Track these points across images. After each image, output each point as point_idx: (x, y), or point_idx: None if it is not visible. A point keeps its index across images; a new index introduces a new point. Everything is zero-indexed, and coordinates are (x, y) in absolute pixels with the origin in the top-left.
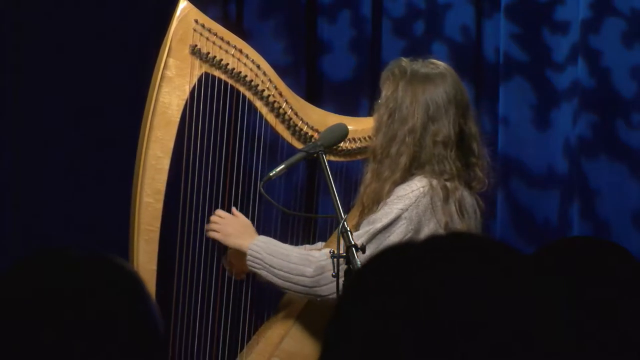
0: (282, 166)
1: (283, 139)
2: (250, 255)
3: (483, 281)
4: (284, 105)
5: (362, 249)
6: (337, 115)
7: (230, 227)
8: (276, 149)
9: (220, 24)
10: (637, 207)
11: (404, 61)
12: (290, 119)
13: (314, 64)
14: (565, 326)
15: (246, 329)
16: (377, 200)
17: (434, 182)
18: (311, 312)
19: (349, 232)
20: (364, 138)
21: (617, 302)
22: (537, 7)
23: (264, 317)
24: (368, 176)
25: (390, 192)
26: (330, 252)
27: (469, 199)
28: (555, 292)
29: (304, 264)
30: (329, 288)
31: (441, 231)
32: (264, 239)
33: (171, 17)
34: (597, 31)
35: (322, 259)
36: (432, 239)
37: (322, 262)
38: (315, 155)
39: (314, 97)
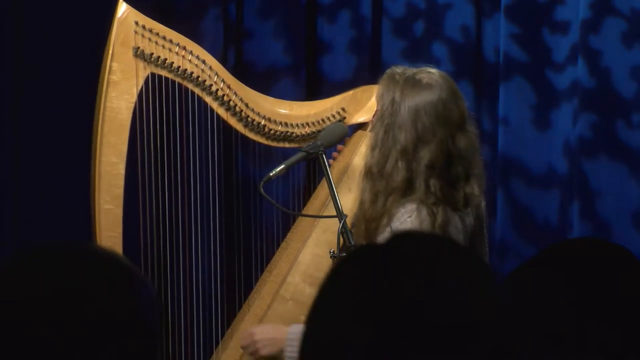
0: (282, 166)
1: (237, 131)
2: (288, 352)
3: (483, 283)
4: (233, 97)
5: None
6: (288, 101)
7: (263, 339)
8: (230, 141)
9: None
10: (637, 207)
11: (398, 74)
12: (241, 110)
13: (314, 64)
14: (566, 327)
15: (219, 326)
16: (378, 219)
17: (420, 207)
18: (282, 304)
19: (349, 232)
20: (318, 122)
21: (618, 302)
22: (537, 7)
23: (236, 311)
24: (366, 195)
25: (390, 213)
26: (330, 252)
27: (453, 221)
28: (555, 293)
29: None
30: None
31: None
32: (295, 329)
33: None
34: (597, 31)
35: None
36: (413, 242)
37: None
38: (315, 155)
39: (314, 97)
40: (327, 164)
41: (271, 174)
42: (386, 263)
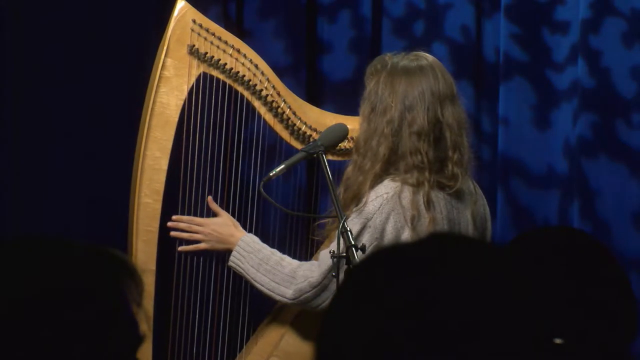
0: (282, 166)
1: (281, 139)
2: (232, 262)
3: (480, 282)
4: (282, 104)
5: (362, 248)
6: (334, 114)
7: (212, 234)
8: (274, 148)
9: (220, 24)
10: (637, 207)
11: (387, 56)
12: (289, 118)
13: (314, 64)
14: (564, 326)
15: (245, 328)
16: (357, 194)
17: (403, 182)
18: (310, 312)
19: (350, 232)
20: None
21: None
22: (537, 7)
23: (263, 316)
24: (349, 168)
25: (370, 188)
26: (330, 252)
27: (434, 194)
28: (554, 290)
29: (286, 285)
30: (311, 305)
31: (407, 226)
32: (247, 247)
33: (169, 17)
34: (597, 31)
35: (300, 280)
36: (425, 240)
37: (300, 285)
38: (315, 155)
39: (314, 97)
40: (327, 164)
41: (271, 174)
42: (408, 264)
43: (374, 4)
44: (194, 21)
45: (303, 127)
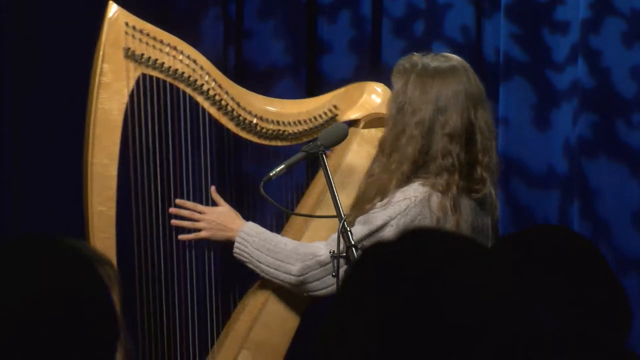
0: (282, 166)
1: (228, 130)
2: (237, 248)
3: (485, 284)
4: (224, 96)
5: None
6: (280, 99)
7: (214, 221)
8: (223, 140)
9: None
10: (637, 207)
11: (416, 56)
12: (233, 109)
13: (314, 64)
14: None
15: (214, 325)
16: (381, 192)
17: (432, 187)
18: (277, 300)
19: (349, 232)
20: (310, 120)
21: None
22: (537, 7)
23: (231, 310)
24: (375, 169)
25: (396, 187)
26: (330, 252)
27: (461, 201)
28: (556, 294)
29: (290, 261)
30: (314, 286)
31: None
32: (250, 231)
33: (102, 22)
34: (597, 31)
35: (308, 257)
36: (421, 242)
37: (307, 262)
38: (315, 155)
39: (314, 97)
40: (326, 164)
41: (271, 174)
42: (400, 263)
43: (374, 4)
44: (126, 24)
45: (248, 117)
